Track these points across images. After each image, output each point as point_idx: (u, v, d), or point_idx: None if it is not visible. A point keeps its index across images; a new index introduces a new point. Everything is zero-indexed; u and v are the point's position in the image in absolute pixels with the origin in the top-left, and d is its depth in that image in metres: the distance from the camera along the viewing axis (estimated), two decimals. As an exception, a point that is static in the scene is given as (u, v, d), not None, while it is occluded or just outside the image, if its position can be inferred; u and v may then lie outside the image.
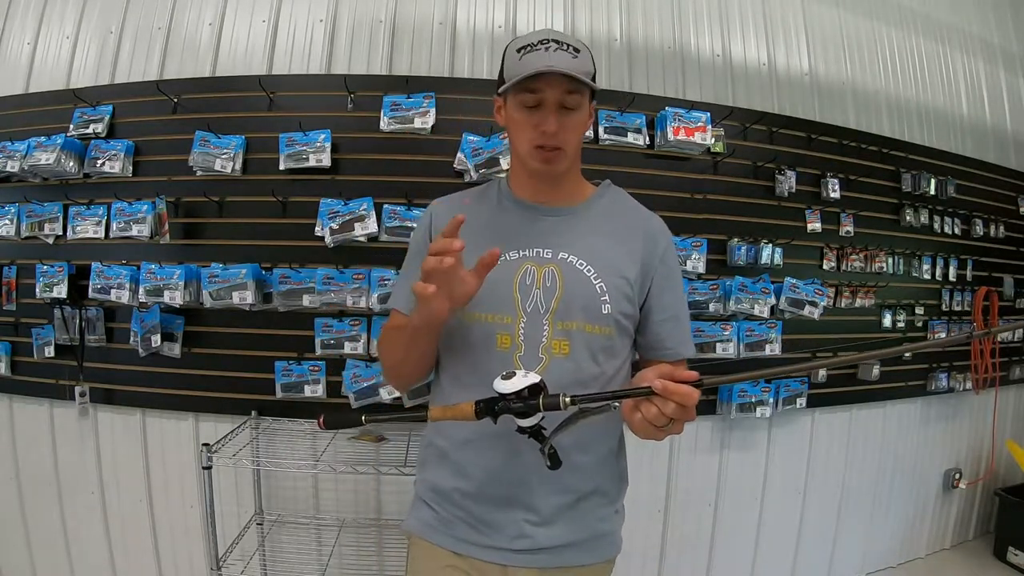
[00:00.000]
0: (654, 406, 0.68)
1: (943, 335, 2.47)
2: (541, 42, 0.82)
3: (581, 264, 0.88)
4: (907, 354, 2.37)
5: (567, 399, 0.68)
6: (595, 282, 0.87)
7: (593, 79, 0.85)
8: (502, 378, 0.71)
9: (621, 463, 0.98)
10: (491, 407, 0.71)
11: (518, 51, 0.83)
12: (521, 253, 0.89)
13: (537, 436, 0.72)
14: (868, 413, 2.37)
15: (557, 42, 0.82)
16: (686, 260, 1.92)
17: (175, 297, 1.75)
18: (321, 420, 0.78)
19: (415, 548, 0.95)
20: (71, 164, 1.82)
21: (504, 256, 0.85)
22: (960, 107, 2.63)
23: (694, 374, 0.69)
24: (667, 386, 0.67)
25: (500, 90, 0.86)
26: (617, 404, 0.70)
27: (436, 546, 0.91)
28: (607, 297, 0.87)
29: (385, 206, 1.78)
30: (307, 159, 1.78)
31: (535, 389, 0.70)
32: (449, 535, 0.90)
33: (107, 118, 1.84)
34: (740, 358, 2.00)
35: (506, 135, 0.94)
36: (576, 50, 0.83)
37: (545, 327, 0.85)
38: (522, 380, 0.70)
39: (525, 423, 0.71)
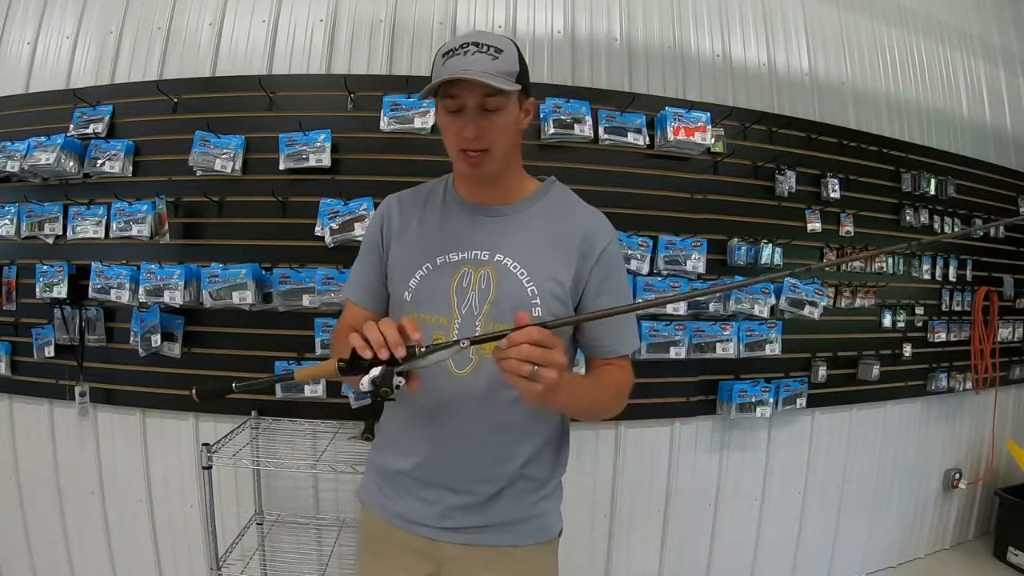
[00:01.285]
0: (511, 358, 0.68)
1: (943, 335, 2.47)
2: (462, 46, 0.82)
3: (515, 267, 0.90)
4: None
5: (422, 348, 0.72)
6: (527, 285, 0.89)
7: (520, 77, 0.84)
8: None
9: (562, 454, 1.02)
10: (353, 362, 0.73)
11: (443, 55, 0.83)
12: (460, 256, 0.92)
13: (377, 394, 0.72)
14: (868, 413, 2.37)
15: (477, 44, 0.82)
16: (686, 260, 1.92)
17: (175, 297, 1.75)
18: (194, 392, 0.79)
19: (363, 513, 1.05)
20: (71, 164, 1.82)
21: (444, 258, 0.91)
22: (960, 107, 2.63)
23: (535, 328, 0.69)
24: (513, 336, 0.68)
25: (421, 96, 0.87)
26: (464, 344, 0.73)
27: (377, 517, 0.99)
28: (538, 300, 0.88)
29: (385, 206, 1.79)
30: (307, 159, 1.78)
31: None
32: (387, 509, 0.98)
33: (107, 118, 1.84)
34: (740, 357, 2.00)
35: None
36: (499, 50, 0.82)
37: (478, 328, 0.88)
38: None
39: (370, 375, 0.72)
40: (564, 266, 0.91)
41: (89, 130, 1.84)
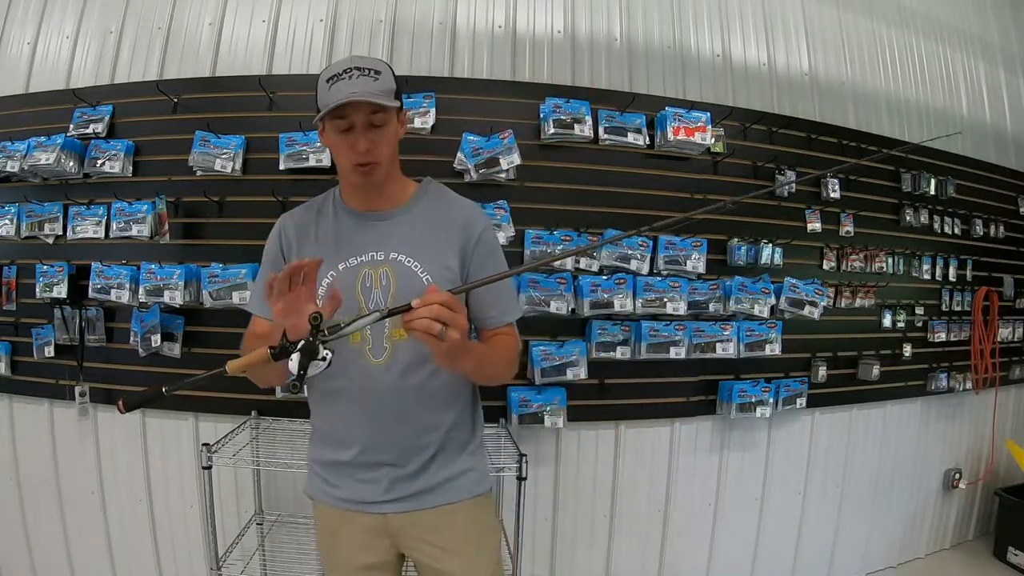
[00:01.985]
0: (421, 317, 0.76)
1: (943, 335, 2.47)
2: (345, 71, 0.93)
3: (409, 261, 1.01)
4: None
5: (344, 323, 0.79)
6: (422, 275, 1.00)
7: (397, 95, 0.97)
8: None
9: (477, 416, 1.14)
10: (282, 347, 0.78)
11: (327, 81, 0.94)
12: (359, 259, 1.02)
13: (308, 356, 0.76)
14: (868, 413, 2.37)
15: (359, 68, 0.93)
16: (686, 260, 1.92)
17: (175, 297, 1.75)
18: (120, 404, 0.82)
19: (315, 507, 1.13)
20: (71, 164, 1.82)
21: (345, 263, 1.01)
22: (960, 107, 2.63)
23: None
24: (423, 298, 0.77)
25: (315, 119, 0.97)
26: (384, 310, 0.79)
27: (328, 506, 1.08)
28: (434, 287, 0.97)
29: (385, 206, 1.79)
30: (307, 159, 1.78)
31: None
32: (335, 497, 1.06)
33: (107, 118, 1.85)
34: (740, 357, 2.00)
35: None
36: (377, 72, 0.94)
37: (386, 322, 0.92)
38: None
39: (298, 347, 0.77)
40: (450, 253, 1.03)
41: (89, 130, 1.84)
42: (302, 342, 0.76)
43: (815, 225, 2.15)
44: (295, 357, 0.76)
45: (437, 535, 1.06)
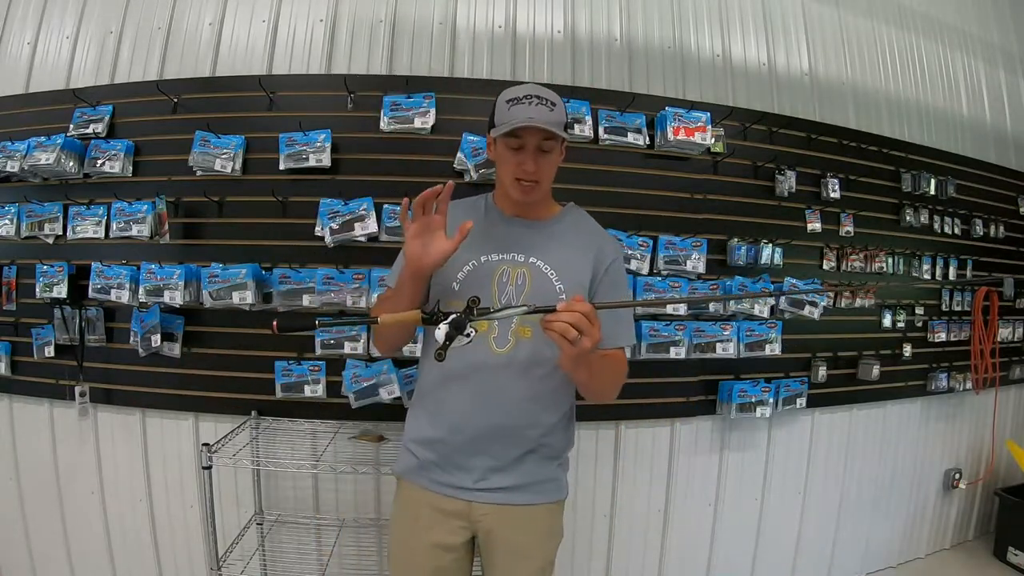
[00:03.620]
0: (562, 320, 0.84)
1: (943, 335, 2.47)
2: (527, 96, 1.03)
3: (546, 268, 1.10)
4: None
5: (494, 308, 0.90)
6: (556, 283, 1.09)
7: (566, 128, 1.08)
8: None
9: (571, 430, 1.21)
10: (433, 314, 0.88)
11: (507, 102, 1.05)
12: (500, 256, 1.10)
13: (457, 328, 0.86)
14: (868, 413, 2.37)
15: (539, 97, 1.04)
16: (686, 260, 1.92)
17: (175, 297, 1.75)
18: (275, 325, 0.88)
19: (400, 487, 1.19)
20: (71, 164, 1.82)
21: (487, 257, 1.09)
22: (960, 107, 2.64)
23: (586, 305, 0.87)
24: (570, 303, 0.85)
25: (492, 133, 1.08)
26: (532, 306, 0.89)
27: (416, 485, 1.14)
28: (564, 296, 1.06)
29: (385, 206, 1.78)
30: (307, 159, 1.78)
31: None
32: (426, 477, 1.13)
33: (107, 118, 1.84)
34: (740, 357, 2.00)
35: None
36: (553, 104, 1.04)
37: (514, 317, 1.01)
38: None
39: (450, 319, 0.86)
40: (584, 270, 1.12)
41: (89, 130, 1.84)
42: (453, 316, 0.85)
43: (815, 225, 2.15)
44: (443, 327, 0.85)
45: (515, 531, 1.12)
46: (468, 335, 0.86)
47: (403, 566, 1.16)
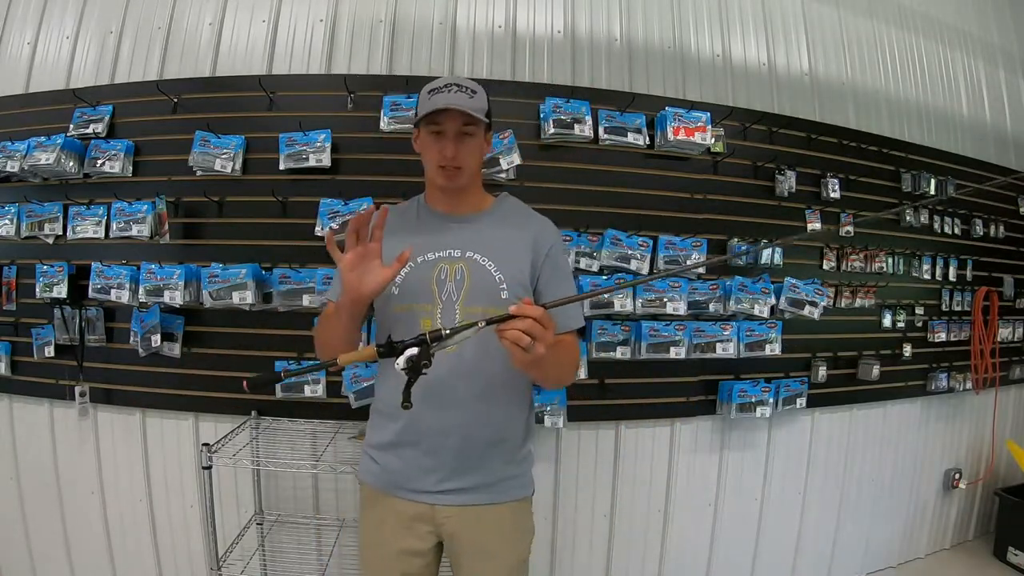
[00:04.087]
0: (514, 328, 0.83)
1: (943, 335, 2.47)
2: (446, 86, 1.07)
3: (484, 260, 1.10)
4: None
5: (447, 331, 0.84)
6: (495, 274, 1.09)
7: (487, 115, 1.11)
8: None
9: (530, 423, 1.21)
10: (390, 346, 0.85)
11: (428, 92, 1.08)
12: (437, 254, 1.11)
13: (415, 370, 0.83)
14: (868, 413, 2.37)
15: (458, 85, 1.07)
16: (686, 260, 1.92)
17: (175, 297, 1.75)
18: (245, 383, 0.89)
19: (364, 492, 1.19)
20: (71, 164, 1.82)
21: (424, 257, 1.10)
22: (960, 107, 2.64)
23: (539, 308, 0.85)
24: (521, 308, 0.83)
25: (414, 123, 1.12)
26: (481, 324, 0.85)
27: (379, 491, 1.14)
28: (505, 286, 1.09)
29: (385, 206, 1.78)
30: (307, 159, 1.78)
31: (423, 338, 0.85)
32: (387, 481, 1.13)
33: (107, 118, 1.84)
34: (740, 357, 2.00)
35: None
36: (473, 91, 1.08)
37: (457, 311, 1.07)
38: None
39: (406, 355, 0.83)
40: (523, 258, 1.12)
41: (89, 130, 1.84)
42: (409, 352, 0.82)
43: (815, 225, 2.15)
44: (401, 369, 0.82)
45: (480, 532, 1.12)
46: (425, 372, 0.84)
47: (373, 571, 1.16)
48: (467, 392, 1.07)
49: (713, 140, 1.95)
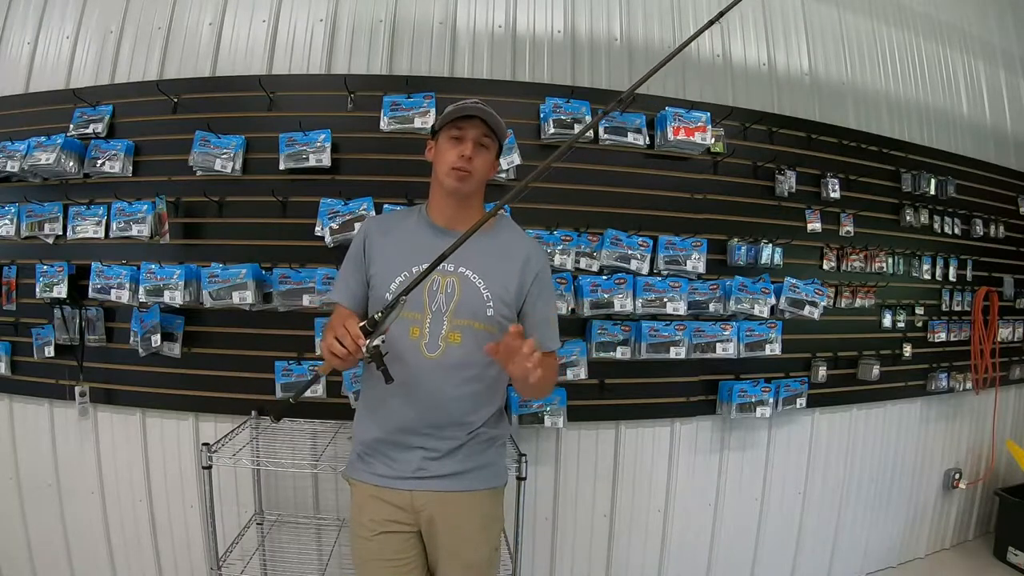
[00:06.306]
0: (527, 365, 0.96)
1: (943, 335, 2.47)
2: (473, 103, 1.16)
3: (474, 277, 1.17)
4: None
5: (378, 314, 0.99)
6: (483, 291, 1.16)
7: (503, 138, 1.22)
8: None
9: (503, 416, 1.30)
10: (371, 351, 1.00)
11: (453, 107, 1.17)
12: None
13: (377, 357, 0.99)
14: (868, 413, 2.37)
15: (485, 106, 1.17)
16: (686, 260, 1.92)
17: (175, 297, 1.75)
18: (271, 419, 1.10)
19: (351, 488, 1.26)
20: (71, 164, 1.82)
21: (418, 268, 1.10)
22: (960, 107, 2.64)
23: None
24: (528, 345, 0.96)
25: (436, 127, 1.21)
26: (403, 300, 1.00)
27: (362, 482, 1.21)
28: (491, 303, 1.16)
29: (385, 206, 1.78)
30: (307, 159, 1.78)
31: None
32: (368, 472, 1.21)
33: (107, 118, 1.85)
34: (740, 357, 2.00)
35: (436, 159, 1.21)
36: (495, 116, 1.17)
37: (444, 322, 1.15)
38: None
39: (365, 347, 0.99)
40: (510, 279, 1.19)
41: (89, 130, 1.84)
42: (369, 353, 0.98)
43: (815, 225, 2.15)
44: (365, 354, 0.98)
45: (456, 518, 1.19)
46: (378, 346, 0.98)
47: (362, 557, 1.21)
48: (447, 394, 1.15)
49: (713, 140, 1.95)
